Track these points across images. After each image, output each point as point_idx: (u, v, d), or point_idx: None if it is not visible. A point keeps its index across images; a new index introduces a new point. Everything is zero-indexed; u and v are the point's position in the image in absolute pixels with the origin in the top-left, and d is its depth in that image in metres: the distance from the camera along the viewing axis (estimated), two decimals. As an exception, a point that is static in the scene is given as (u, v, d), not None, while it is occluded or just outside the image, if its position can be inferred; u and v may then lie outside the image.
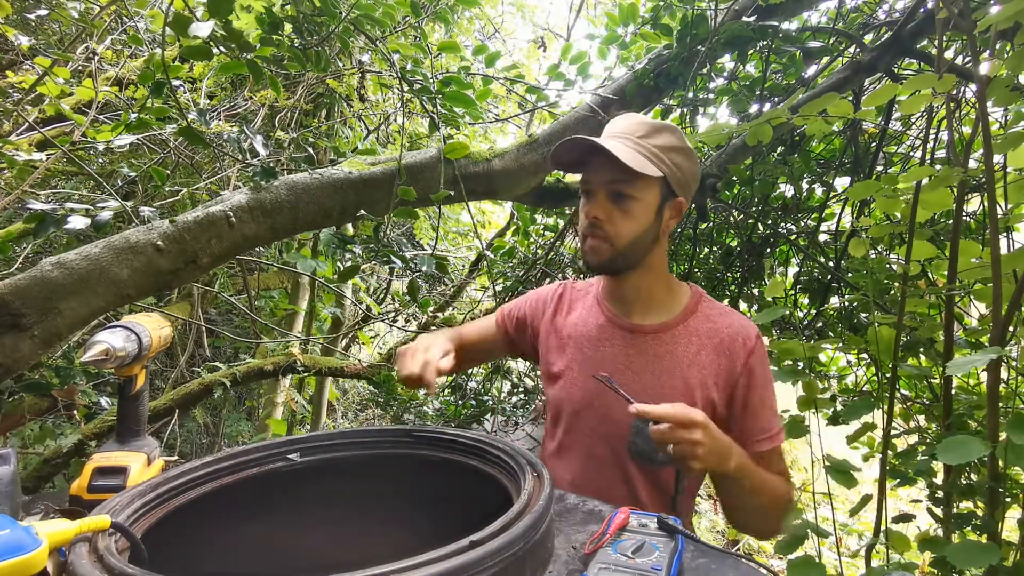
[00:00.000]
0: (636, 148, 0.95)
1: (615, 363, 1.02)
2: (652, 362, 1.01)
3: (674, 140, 0.99)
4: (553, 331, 1.13)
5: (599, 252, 0.99)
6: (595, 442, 1.01)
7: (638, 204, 0.97)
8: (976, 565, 0.77)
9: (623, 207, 0.97)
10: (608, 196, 0.98)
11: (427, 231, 3.35)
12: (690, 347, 1.01)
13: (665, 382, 0.99)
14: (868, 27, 2.02)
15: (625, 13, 1.98)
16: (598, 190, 0.98)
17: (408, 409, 2.73)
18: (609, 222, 0.97)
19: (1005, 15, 0.78)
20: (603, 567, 0.54)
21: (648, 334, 1.03)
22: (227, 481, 0.72)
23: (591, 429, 1.02)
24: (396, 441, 0.82)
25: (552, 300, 1.17)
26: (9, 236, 1.69)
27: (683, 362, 1.00)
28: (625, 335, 1.05)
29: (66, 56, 1.83)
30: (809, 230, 2.19)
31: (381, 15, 1.44)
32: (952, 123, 1.28)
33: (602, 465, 1.00)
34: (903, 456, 1.11)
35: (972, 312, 1.64)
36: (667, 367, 1.00)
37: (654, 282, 1.06)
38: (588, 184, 1.00)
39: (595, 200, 0.98)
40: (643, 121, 0.99)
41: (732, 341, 1.00)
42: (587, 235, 1.00)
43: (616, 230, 0.97)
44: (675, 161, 0.98)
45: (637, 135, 0.97)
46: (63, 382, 1.67)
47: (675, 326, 1.03)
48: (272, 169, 1.41)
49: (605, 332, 1.06)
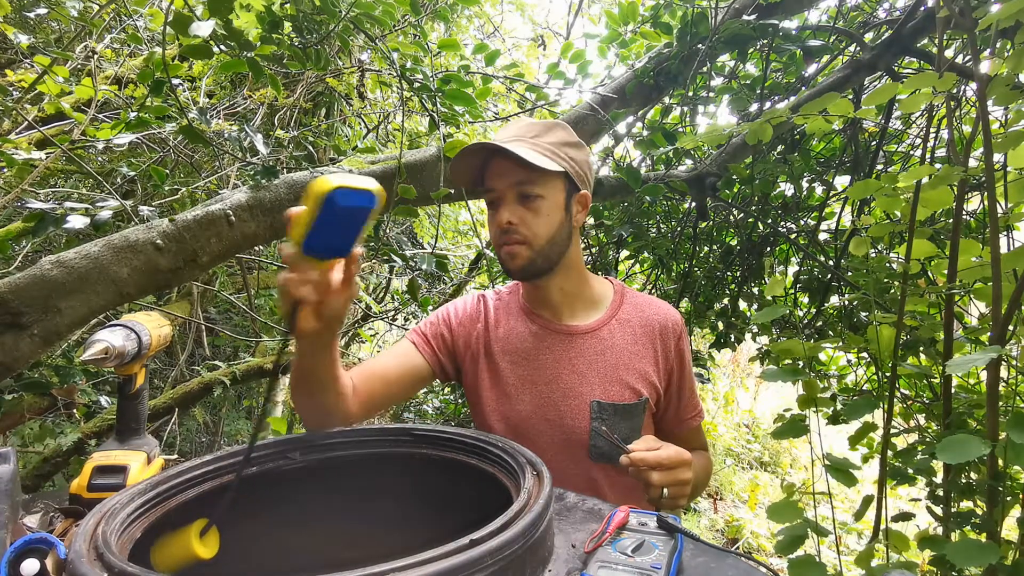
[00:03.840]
0: (533, 147, 0.94)
1: (557, 369, 1.01)
2: (595, 361, 1.01)
3: (566, 135, 0.99)
4: (484, 350, 1.06)
5: (518, 256, 0.97)
6: (554, 453, 0.98)
7: (547, 202, 0.96)
8: (976, 564, 0.77)
9: (533, 207, 0.96)
10: (516, 199, 0.96)
11: (428, 229, 3.35)
12: (626, 339, 1.02)
13: (611, 377, 1.00)
14: (868, 25, 2.02)
15: (625, 12, 1.98)
16: (505, 194, 0.97)
17: (408, 408, 2.74)
18: (522, 224, 0.96)
19: (1005, 13, 0.78)
20: (603, 565, 0.54)
21: (585, 334, 1.03)
22: (227, 480, 0.72)
23: (547, 442, 0.99)
24: (396, 440, 0.82)
25: (479, 316, 1.10)
26: (8, 235, 1.69)
27: (624, 355, 1.01)
28: (561, 339, 1.03)
29: (65, 55, 1.83)
30: (809, 229, 2.20)
31: (381, 14, 1.43)
32: (952, 122, 1.28)
33: (564, 475, 0.97)
34: (903, 455, 1.11)
35: (972, 311, 1.64)
36: (611, 363, 1.00)
37: (577, 280, 1.05)
38: (492, 192, 0.98)
39: (504, 205, 0.97)
40: (531, 123, 0.99)
41: (663, 328, 1.03)
42: (502, 243, 0.98)
43: (531, 231, 0.96)
44: (571, 155, 0.98)
45: (530, 136, 0.96)
46: (63, 381, 1.67)
47: (608, 321, 1.04)
48: (272, 168, 1.40)
49: (540, 340, 1.03)
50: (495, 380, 1.04)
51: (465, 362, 1.07)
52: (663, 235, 2.30)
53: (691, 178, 1.83)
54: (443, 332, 1.07)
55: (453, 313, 1.10)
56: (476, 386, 1.05)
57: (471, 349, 1.07)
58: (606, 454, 0.96)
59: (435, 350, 1.06)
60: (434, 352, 1.05)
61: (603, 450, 0.96)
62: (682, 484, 0.82)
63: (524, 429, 1.00)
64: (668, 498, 0.81)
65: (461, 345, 1.07)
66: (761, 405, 5.78)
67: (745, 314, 2.32)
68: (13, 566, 0.48)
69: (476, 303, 1.12)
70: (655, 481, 0.80)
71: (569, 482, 0.96)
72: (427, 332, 1.07)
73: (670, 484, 0.81)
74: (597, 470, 0.99)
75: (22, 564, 0.49)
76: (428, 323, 1.09)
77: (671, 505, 0.82)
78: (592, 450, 0.97)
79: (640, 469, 0.81)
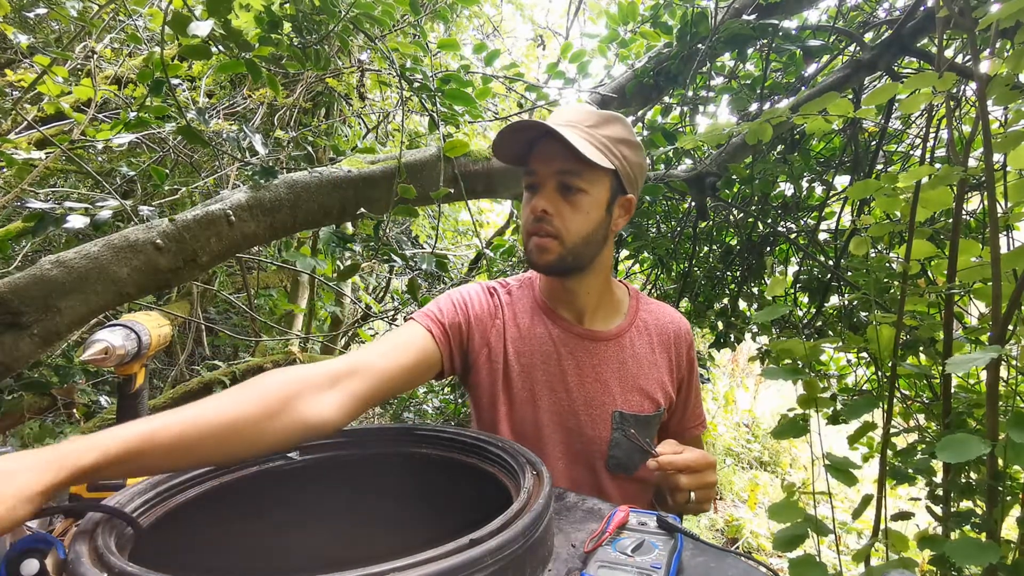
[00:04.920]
0: (587, 137, 0.86)
1: (580, 376, 0.96)
2: (617, 369, 0.97)
3: (624, 132, 0.91)
4: (500, 349, 0.97)
5: (547, 250, 0.90)
6: (568, 462, 0.95)
7: (588, 199, 0.89)
8: (975, 563, 0.77)
9: (572, 201, 0.89)
10: (556, 188, 0.89)
11: (424, 228, 3.35)
12: (644, 348, 1.00)
13: (632, 387, 0.96)
14: (868, 25, 2.02)
15: (625, 11, 1.98)
16: (546, 181, 0.89)
17: (408, 407, 2.73)
18: (558, 216, 0.89)
19: (1005, 13, 0.78)
20: (603, 565, 0.54)
21: (608, 340, 0.98)
22: (227, 479, 0.72)
23: (562, 450, 0.95)
24: (396, 439, 0.82)
25: (496, 312, 1.00)
26: (8, 235, 1.69)
27: (644, 363, 0.98)
28: (585, 344, 0.97)
29: (65, 55, 1.83)
30: (809, 229, 2.20)
31: (380, 14, 1.43)
32: (952, 122, 1.28)
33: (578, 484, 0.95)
34: (903, 455, 1.11)
35: (972, 311, 1.64)
36: (632, 372, 0.97)
37: (603, 284, 1.00)
38: (533, 176, 0.90)
39: (542, 192, 0.90)
40: (592, 111, 0.92)
41: (676, 336, 1.02)
42: (532, 232, 0.90)
43: (565, 225, 0.89)
44: (625, 154, 0.91)
45: (586, 124, 0.89)
46: (62, 380, 1.67)
47: (628, 328, 1.00)
48: (271, 168, 1.40)
49: (563, 344, 0.97)
50: (509, 382, 0.96)
51: (478, 360, 0.97)
52: (663, 235, 2.30)
53: (691, 178, 1.83)
54: (461, 323, 0.96)
55: (470, 303, 0.98)
56: (487, 386, 0.97)
57: (487, 347, 0.97)
58: (623, 464, 0.95)
59: (450, 343, 0.94)
60: (449, 344, 0.93)
61: (620, 460, 0.95)
62: (708, 487, 0.79)
63: (539, 436, 0.95)
64: (695, 502, 0.79)
65: (477, 341, 0.97)
66: (761, 405, 5.78)
67: (745, 314, 2.32)
68: (13, 566, 0.48)
69: (489, 296, 1.01)
70: (683, 484, 0.78)
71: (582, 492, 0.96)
72: (444, 320, 0.94)
73: (697, 487, 0.79)
74: (609, 480, 0.95)
75: (22, 564, 0.49)
76: (444, 310, 0.95)
77: (697, 510, 0.81)
78: (610, 460, 0.94)
79: (668, 473, 0.78)
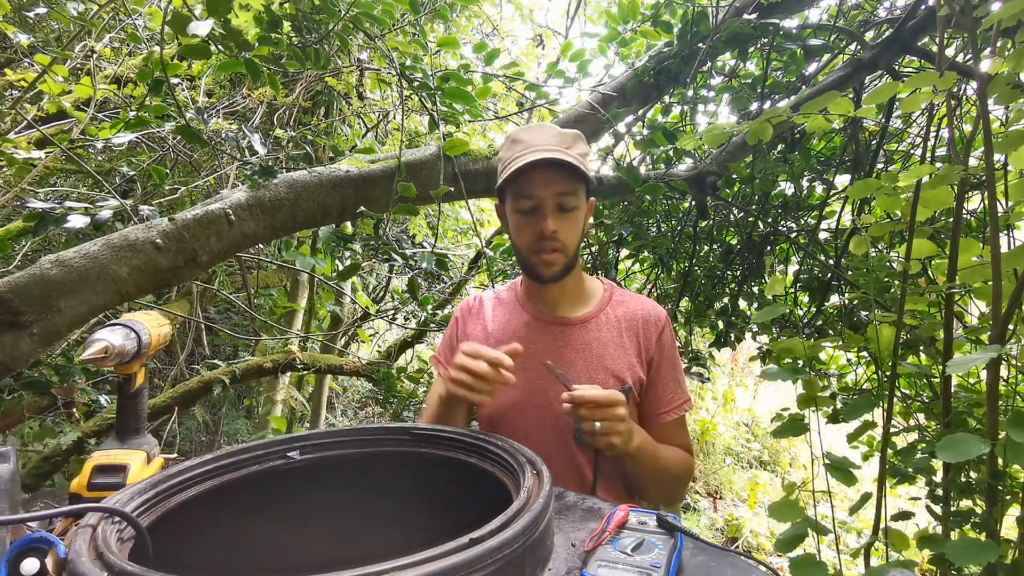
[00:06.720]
0: (573, 160, 0.98)
1: (548, 357, 1.04)
2: (582, 351, 1.06)
3: (584, 147, 1.05)
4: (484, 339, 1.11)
5: (555, 264, 1.03)
6: (542, 437, 1.02)
7: (579, 213, 1.03)
8: (975, 562, 0.77)
9: (570, 218, 1.02)
10: (556, 208, 1.00)
11: (422, 228, 3.35)
12: (612, 332, 1.08)
13: (597, 366, 1.05)
14: (869, 24, 2.02)
15: (625, 10, 1.98)
16: (546, 203, 1.00)
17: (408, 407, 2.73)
18: (562, 233, 1.01)
19: (1007, 13, 0.78)
20: (602, 564, 0.54)
21: (575, 325, 1.08)
22: (227, 479, 0.72)
23: (534, 426, 1.04)
24: (396, 439, 0.82)
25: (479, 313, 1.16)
26: (8, 234, 1.69)
27: (610, 346, 1.06)
28: (553, 329, 1.09)
29: (65, 54, 1.83)
30: (809, 228, 2.19)
31: (380, 13, 1.43)
32: (953, 121, 1.28)
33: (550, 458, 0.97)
34: (903, 454, 1.11)
35: (972, 311, 1.64)
36: (596, 353, 1.06)
37: (577, 278, 1.12)
38: (533, 199, 1.01)
39: (546, 214, 1.00)
40: (560, 132, 1.03)
41: (646, 322, 1.09)
42: (540, 250, 1.02)
43: (567, 240, 1.02)
44: (588, 165, 1.04)
45: (564, 147, 1.00)
46: (62, 380, 1.68)
47: (597, 315, 1.10)
48: (271, 167, 1.40)
49: (532, 330, 1.09)
50: None
51: None
52: (663, 234, 2.29)
53: (691, 177, 1.83)
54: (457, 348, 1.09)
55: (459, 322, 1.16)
56: None
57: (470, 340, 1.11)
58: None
59: None
60: None
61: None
62: (612, 420, 0.87)
63: (513, 414, 1.06)
64: (600, 433, 0.87)
65: None
66: (761, 404, 5.78)
67: (745, 313, 2.32)
68: (13, 565, 0.48)
69: (475, 302, 1.18)
70: (586, 415, 0.87)
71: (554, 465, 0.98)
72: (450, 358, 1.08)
73: (601, 419, 0.87)
74: (581, 454, 1.03)
75: (22, 563, 0.49)
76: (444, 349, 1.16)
77: (605, 444, 0.88)
78: (577, 433, 1.00)
79: (576, 407, 0.87)
